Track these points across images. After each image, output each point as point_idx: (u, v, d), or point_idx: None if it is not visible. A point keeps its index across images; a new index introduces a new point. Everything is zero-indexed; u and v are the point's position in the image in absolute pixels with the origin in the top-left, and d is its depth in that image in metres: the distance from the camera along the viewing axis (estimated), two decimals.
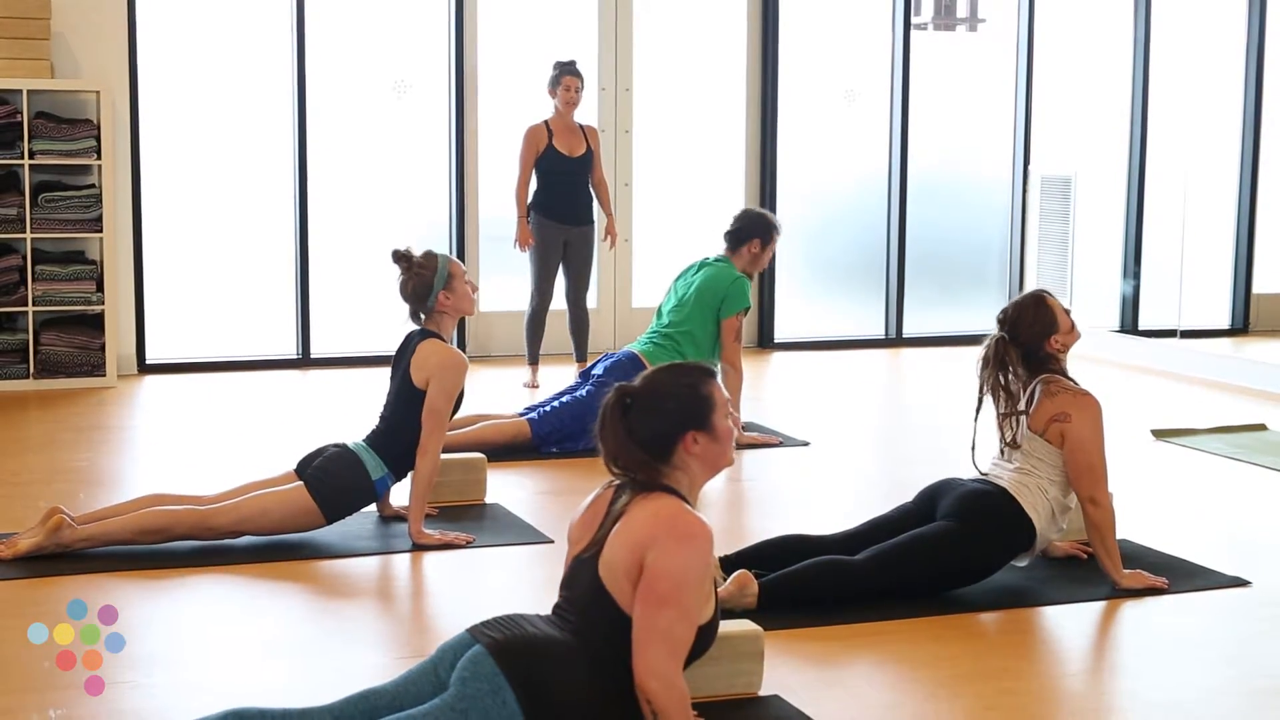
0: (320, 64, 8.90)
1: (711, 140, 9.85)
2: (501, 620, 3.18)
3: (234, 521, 4.82)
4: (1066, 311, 4.70)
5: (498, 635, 3.10)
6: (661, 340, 6.77)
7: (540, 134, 8.14)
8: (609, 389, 3.26)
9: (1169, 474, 6.34)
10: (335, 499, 4.92)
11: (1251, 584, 4.62)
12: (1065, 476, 4.52)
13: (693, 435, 3.18)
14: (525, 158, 8.14)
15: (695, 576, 3.07)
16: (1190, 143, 10.50)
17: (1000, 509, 4.45)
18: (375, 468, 5.00)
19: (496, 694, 2.98)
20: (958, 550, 4.38)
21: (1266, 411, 7.59)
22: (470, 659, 3.03)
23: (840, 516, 5.57)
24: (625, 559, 3.09)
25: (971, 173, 10.50)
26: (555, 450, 6.48)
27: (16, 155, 7.80)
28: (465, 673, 3.00)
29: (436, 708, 2.96)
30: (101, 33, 8.30)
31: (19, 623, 4.02)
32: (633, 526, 3.11)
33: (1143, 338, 9.82)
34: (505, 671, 3.00)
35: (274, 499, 4.87)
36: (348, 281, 9.10)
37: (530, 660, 3.05)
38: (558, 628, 3.17)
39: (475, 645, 3.07)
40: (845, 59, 10.14)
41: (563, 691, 3.05)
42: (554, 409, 6.58)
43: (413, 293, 5.13)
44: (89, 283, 7.96)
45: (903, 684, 3.81)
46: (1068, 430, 4.49)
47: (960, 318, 10.31)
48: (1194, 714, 3.60)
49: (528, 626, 3.15)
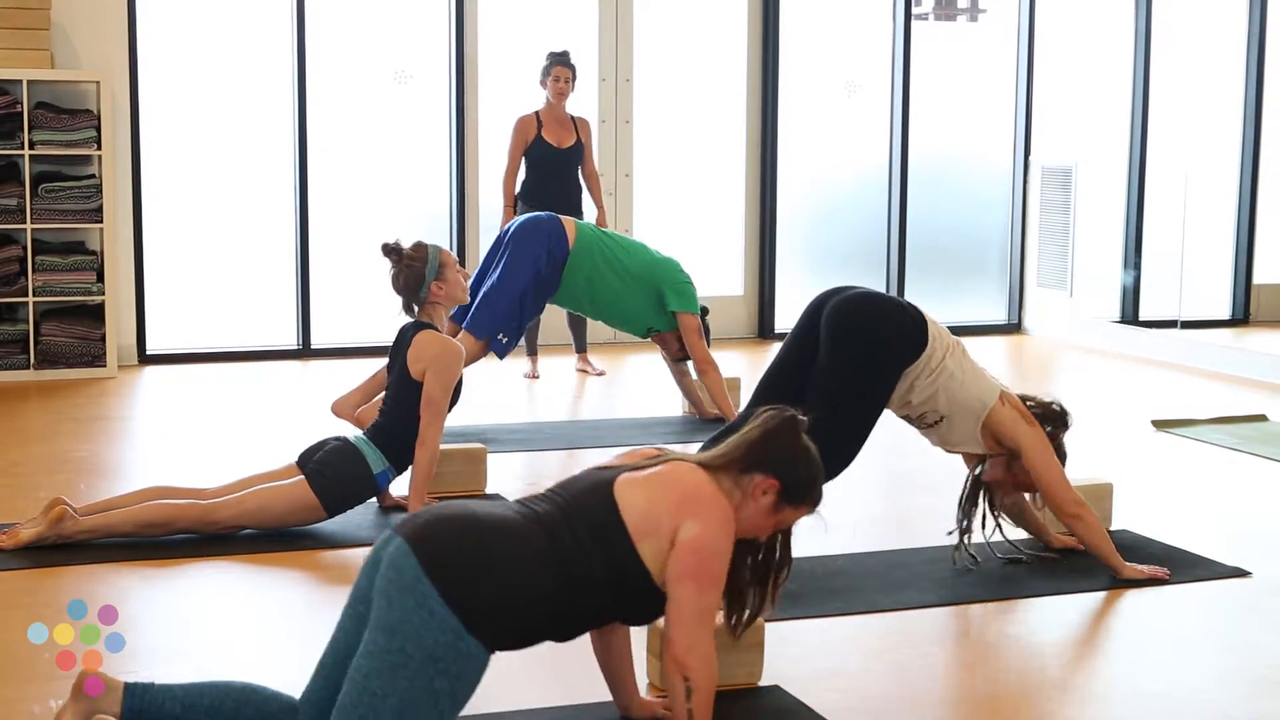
0: (321, 54, 8.90)
1: (712, 131, 9.85)
2: (435, 505, 3.09)
3: (236, 516, 4.83)
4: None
5: (420, 522, 2.97)
6: (603, 265, 6.78)
7: (529, 124, 8.13)
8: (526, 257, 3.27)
9: (1169, 465, 6.34)
10: (336, 492, 4.93)
11: (1252, 574, 4.62)
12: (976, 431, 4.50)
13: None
14: (514, 148, 8.13)
15: (725, 552, 3.07)
16: (1191, 133, 10.49)
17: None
18: (376, 461, 5.00)
19: (423, 605, 2.84)
20: (848, 387, 4.39)
21: (1267, 402, 7.59)
22: (390, 561, 2.89)
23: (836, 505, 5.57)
24: (657, 502, 3.03)
25: (972, 163, 10.50)
26: (506, 339, 6.59)
27: (16, 146, 7.80)
28: (388, 583, 2.86)
29: (369, 655, 2.84)
30: (101, 23, 8.29)
31: (20, 614, 4.02)
32: (671, 482, 3.06)
33: (1143, 328, 9.81)
34: (429, 571, 2.86)
35: (275, 494, 4.87)
36: (348, 272, 9.10)
37: (461, 547, 2.92)
38: (518, 511, 3.07)
39: (394, 538, 2.93)
40: (846, 50, 10.14)
41: (503, 586, 2.91)
42: (481, 304, 6.60)
43: (405, 285, 5.13)
44: (89, 273, 7.96)
45: (902, 674, 3.82)
46: (1027, 464, 4.49)
47: (960, 308, 10.33)
48: (1194, 704, 3.60)
49: (466, 506, 3.04)
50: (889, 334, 4.43)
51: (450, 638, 2.83)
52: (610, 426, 6.95)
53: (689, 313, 6.80)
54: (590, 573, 3.00)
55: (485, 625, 2.87)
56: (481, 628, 2.86)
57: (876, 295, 4.63)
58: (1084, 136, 10.41)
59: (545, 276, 6.69)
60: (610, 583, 3.02)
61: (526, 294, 6.66)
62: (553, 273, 6.70)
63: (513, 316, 6.59)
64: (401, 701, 2.81)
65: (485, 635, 2.87)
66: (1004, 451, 4.51)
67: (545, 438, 6.62)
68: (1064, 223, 10.15)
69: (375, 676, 2.82)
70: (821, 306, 4.54)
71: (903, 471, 5.92)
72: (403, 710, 2.81)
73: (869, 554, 4.81)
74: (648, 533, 3.02)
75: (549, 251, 6.70)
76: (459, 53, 9.13)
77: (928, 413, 4.50)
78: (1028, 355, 9.61)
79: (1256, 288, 10.60)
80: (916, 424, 4.61)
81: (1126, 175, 10.47)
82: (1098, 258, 10.35)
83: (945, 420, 4.50)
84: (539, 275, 6.65)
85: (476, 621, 2.85)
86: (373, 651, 2.84)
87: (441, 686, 2.84)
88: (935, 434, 4.59)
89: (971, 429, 4.49)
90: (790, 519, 3.20)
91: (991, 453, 4.52)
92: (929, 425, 4.56)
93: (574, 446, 6.43)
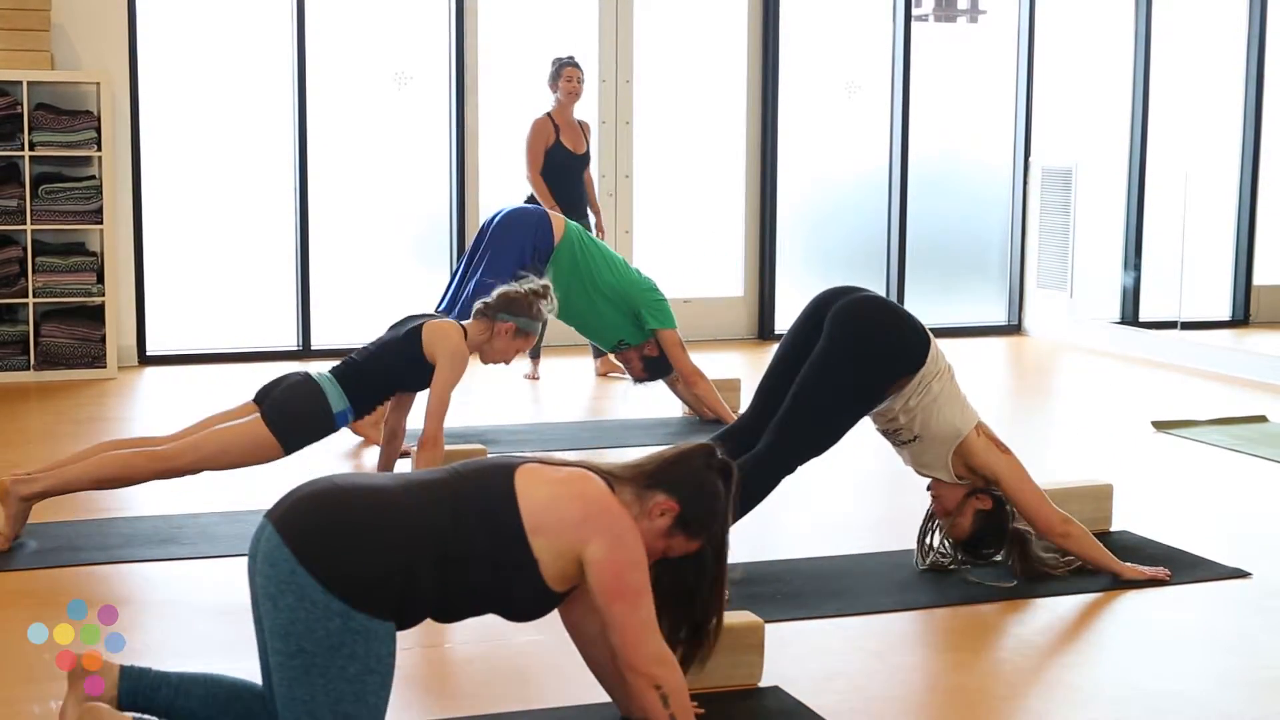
0: (320, 55, 8.90)
1: (712, 132, 9.84)
2: (305, 483, 3.04)
3: (195, 461, 4.73)
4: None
5: (287, 505, 2.95)
6: (591, 288, 6.80)
7: (547, 128, 8.14)
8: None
9: (1169, 465, 6.34)
10: (293, 430, 4.81)
11: (1252, 575, 4.62)
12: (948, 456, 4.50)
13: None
14: (535, 151, 8.11)
15: (642, 561, 3.05)
16: (1191, 134, 10.49)
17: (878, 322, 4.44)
18: (338, 399, 4.90)
19: (304, 599, 2.82)
20: (842, 377, 4.37)
21: (1267, 403, 7.59)
22: (265, 556, 2.89)
23: (837, 505, 5.58)
24: (560, 507, 3.00)
25: (972, 164, 10.49)
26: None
27: (16, 147, 7.80)
28: (267, 581, 2.86)
29: (279, 666, 2.85)
30: (101, 24, 8.29)
31: (20, 614, 4.02)
32: (576, 493, 3.03)
33: (1143, 329, 9.81)
34: (301, 558, 2.84)
35: (232, 434, 4.77)
36: (348, 272, 9.10)
37: (327, 524, 2.90)
38: (403, 482, 3.04)
39: (265, 526, 2.93)
40: (846, 51, 10.13)
41: (368, 556, 2.88)
42: (469, 298, 6.60)
43: (504, 303, 5.12)
44: (89, 274, 7.96)
45: (903, 675, 3.82)
46: (1005, 493, 4.48)
47: (960, 309, 10.33)
48: (1195, 704, 3.60)
49: (333, 480, 3.02)
50: (895, 340, 4.43)
51: (339, 622, 2.83)
52: (611, 427, 6.95)
53: (668, 328, 6.83)
54: (466, 551, 2.96)
55: (363, 597, 2.85)
56: (361, 600, 2.85)
57: (887, 301, 4.64)
58: (1084, 137, 10.41)
59: (529, 268, 6.69)
60: (491, 566, 2.98)
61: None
62: (536, 264, 6.71)
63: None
64: (329, 699, 2.83)
65: (369, 607, 2.85)
66: (977, 481, 4.51)
67: (546, 439, 6.63)
68: (1064, 223, 10.14)
69: (294, 686, 2.85)
70: (824, 305, 4.53)
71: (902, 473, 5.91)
72: (337, 708, 2.84)
73: (869, 555, 4.81)
74: (543, 529, 2.99)
75: (534, 243, 6.72)
76: (459, 54, 9.13)
77: (903, 429, 4.50)
78: (1028, 356, 9.60)
79: (1257, 289, 10.59)
80: (891, 439, 4.61)
81: (1126, 176, 10.46)
82: (1098, 258, 10.35)
83: (919, 440, 4.50)
84: (523, 265, 6.66)
85: (355, 595, 2.84)
86: (281, 665, 2.86)
87: (356, 671, 2.84)
88: (908, 452, 4.58)
89: (943, 454, 4.48)
90: (679, 549, 3.13)
91: (961, 480, 4.51)
92: (903, 443, 4.56)
93: (574, 447, 6.43)
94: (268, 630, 2.89)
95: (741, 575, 4.34)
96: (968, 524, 4.50)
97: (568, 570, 3.03)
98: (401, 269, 9.26)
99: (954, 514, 4.51)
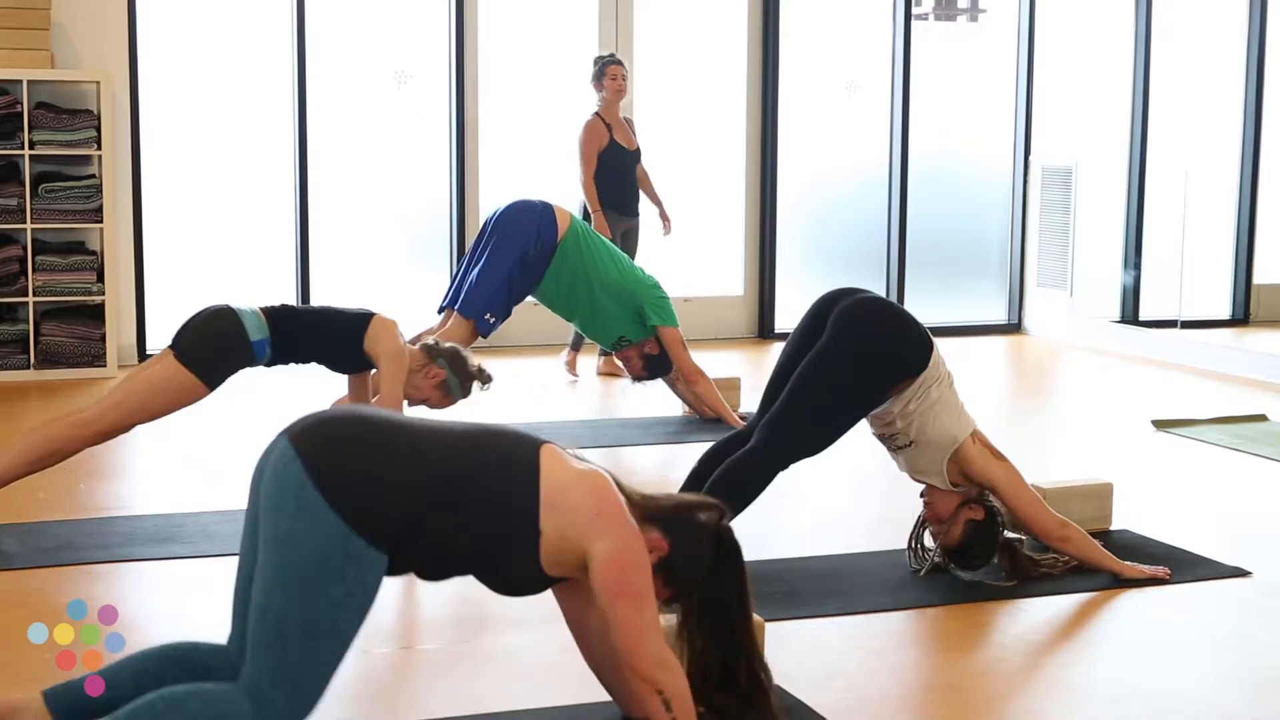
0: (321, 54, 8.90)
1: (712, 131, 9.84)
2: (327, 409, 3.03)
3: (120, 418, 4.60)
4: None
5: (308, 423, 2.94)
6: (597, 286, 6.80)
7: (600, 129, 8.19)
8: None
9: (1169, 464, 6.34)
10: (203, 354, 4.65)
11: (1252, 574, 4.62)
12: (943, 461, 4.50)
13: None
14: (589, 152, 8.15)
15: (648, 567, 3.04)
16: (1191, 133, 10.49)
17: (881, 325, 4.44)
18: (257, 329, 4.72)
19: (306, 511, 2.81)
20: (838, 378, 4.37)
21: (1267, 402, 7.59)
22: (275, 468, 2.87)
23: (837, 504, 5.58)
24: (579, 495, 3.01)
25: (972, 163, 10.50)
26: (493, 319, 6.63)
27: (17, 146, 7.80)
28: (274, 491, 2.85)
29: (265, 576, 2.83)
30: (101, 23, 8.29)
31: (20, 614, 4.02)
32: (597, 490, 3.03)
33: (1143, 328, 9.81)
34: (312, 473, 2.83)
35: (147, 382, 4.63)
36: (348, 271, 9.10)
37: (342, 441, 2.91)
38: (430, 424, 3.04)
39: (281, 440, 2.91)
40: (846, 50, 10.14)
41: (376, 471, 2.87)
42: (472, 287, 6.63)
43: (451, 355, 4.97)
44: (89, 273, 7.96)
45: (902, 674, 3.82)
46: (1002, 500, 4.48)
47: (960, 308, 10.33)
48: (1195, 704, 3.60)
49: (357, 408, 3.01)
50: (898, 342, 4.42)
51: (338, 542, 2.82)
52: (611, 426, 6.95)
53: (670, 326, 6.83)
54: (475, 502, 2.94)
55: (367, 521, 2.83)
56: (364, 524, 2.83)
57: (891, 304, 4.64)
58: (1084, 136, 10.41)
59: (533, 258, 6.69)
60: (496, 525, 2.96)
61: (514, 274, 6.67)
62: (541, 255, 6.70)
63: (500, 296, 6.60)
64: (304, 618, 2.82)
65: (370, 533, 2.83)
66: (969, 486, 4.50)
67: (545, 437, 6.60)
68: (1064, 223, 10.14)
69: (274, 597, 2.82)
70: (828, 305, 4.53)
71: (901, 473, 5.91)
72: (307, 625, 2.82)
73: (869, 554, 4.81)
74: (557, 507, 2.98)
75: (539, 234, 6.71)
76: (459, 53, 9.13)
77: (899, 434, 4.49)
78: (1028, 355, 9.61)
79: (1256, 288, 10.60)
80: (887, 444, 4.60)
81: (1127, 175, 10.47)
82: (1098, 258, 10.35)
83: (914, 446, 4.49)
84: (526, 255, 6.66)
85: (359, 517, 2.82)
86: (266, 571, 2.84)
87: (339, 593, 2.83)
88: (903, 457, 4.57)
89: (939, 461, 4.47)
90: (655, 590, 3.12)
91: (956, 487, 4.50)
92: (898, 448, 4.55)
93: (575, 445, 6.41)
94: (263, 538, 2.86)
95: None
96: (959, 532, 4.48)
97: (565, 557, 3.01)
98: (401, 267, 9.26)
99: (946, 522, 4.50)
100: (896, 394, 4.42)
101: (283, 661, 2.82)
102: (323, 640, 2.84)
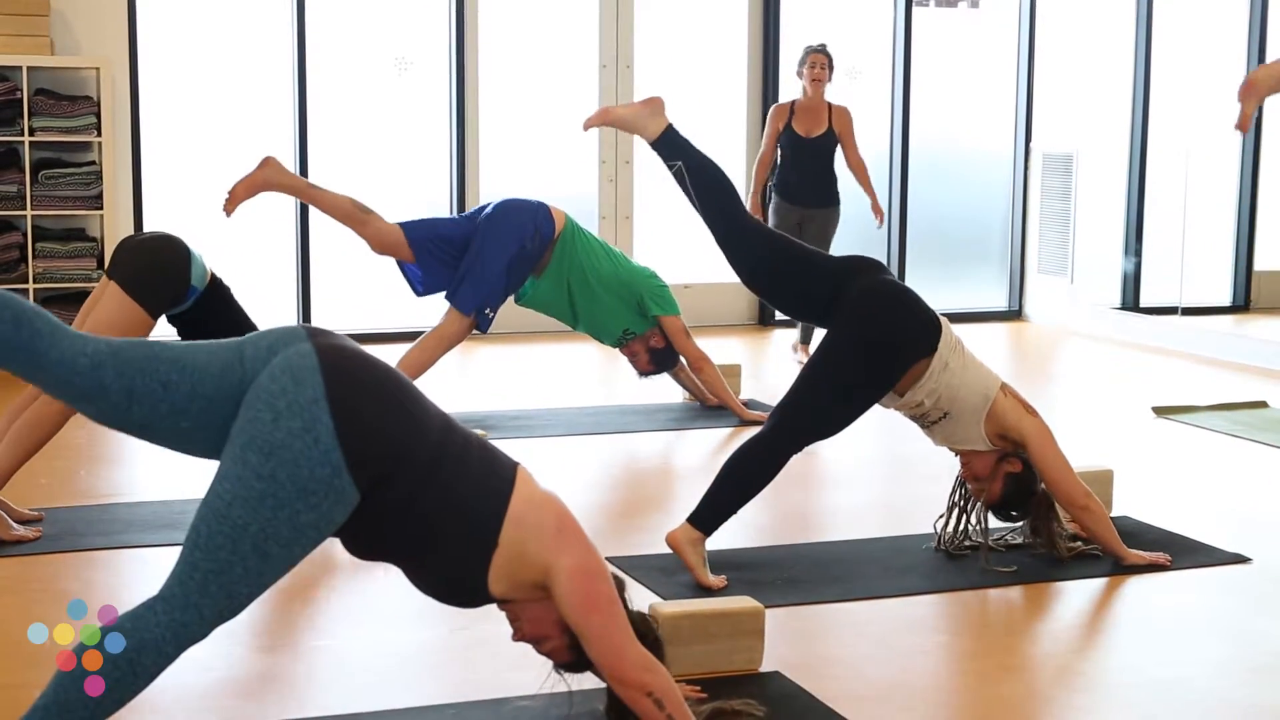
0: (321, 41, 8.89)
1: (713, 117, 9.83)
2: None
3: None
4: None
5: (337, 342, 2.83)
6: (590, 275, 6.77)
7: (782, 113, 8.26)
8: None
9: (1170, 451, 6.34)
10: (147, 284, 4.59)
11: (1252, 560, 4.63)
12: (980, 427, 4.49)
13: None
14: (768, 136, 8.29)
15: (609, 579, 3.03)
16: (1192, 120, 10.48)
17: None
18: (200, 277, 4.71)
19: (309, 430, 2.71)
20: (849, 370, 4.38)
21: (1267, 389, 7.59)
22: (291, 366, 2.76)
23: (838, 490, 5.58)
24: (544, 513, 2.95)
25: (973, 150, 10.49)
26: (491, 313, 6.59)
27: (17, 132, 7.80)
28: (282, 391, 2.73)
29: (236, 477, 2.71)
30: (101, 9, 8.28)
31: (21, 600, 4.03)
32: (561, 510, 2.99)
33: (1144, 315, 9.81)
34: (330, 393, 2.73)
35: (91, 323, 4.56)
36: (348, 260, 9.08)
37: (365, 380, 2.81)
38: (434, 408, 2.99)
39: (304, 342, 2.80)
40: (847, 36, 10.11)
41: (390, 427, 2.79)
42: (466, 280, 6.59)
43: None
44: (89, 260, 7.96)
45: (904, 661, 3.82)
46: (1031, 457, 4.48)
47: (961, 295, 10.33)
48: (1195, 689, 3.61)
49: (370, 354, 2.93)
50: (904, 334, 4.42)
51: (328, 472, 2.73)
52: (611, 413, 6.95)
53: (672, 314, 6.82)
54: (448, 488, 2.88)
55: (362, 462, 2.76)
56: (358, 464, 2.75)
57: (899, 290, 4.57)
58: (1085, 123, 10.40)
59: (530, 251, 6.66)
60: (452, 518, 2.89)
61: (511, 267, 6.65)
62: (537, 249, 6.68)
63: (497, 290, 6.58)
64: (263, 531, 2.72)
65: (361, 477, 2.77)
66: (1007, 446, 4.49)
67: (546, 424, 6.62)
68: (1065, 209, 10.14)
69: (239, 504, 2.72)
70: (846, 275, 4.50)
71: (904, 457, 5.92)
72: (264, 540, 2.73)
73: (870, 540, 4.81)
74: (522, 522, 2.93)
75: (536, 228, 6.69)
76: (459, 40, 9.12)
77: (930, 411, 4.48)
78: (1028, 342, 9.61)
79: (1257, 274, 10.60)
80: (920, 423, 4.60)
81: (1127, 162, 10.46)
82: (1098, 244, 10.35)
83: (949, 417, 4.48)
84: (524, 249, 6.64)
85: (357, 456, 2.75)
86: (241, 474, 2.72)
87: (307, 520, 2.75)
88: (940, 432, 4.56)
89: (975, 424, 4.46)
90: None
91: (994, 448, 4.49)
92: (932, 423, 4.54)
93: (575, 433, 6.43)
94: (248, 436, 2.73)
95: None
96: (999, 488, 4.50)
97: (520, 575, 2.95)
98: None
99: (985, 479, 4.50)
100: (915, 377, 4.41)
101: (229, 565, 2.73)
102: (271, 559, 2.75)
